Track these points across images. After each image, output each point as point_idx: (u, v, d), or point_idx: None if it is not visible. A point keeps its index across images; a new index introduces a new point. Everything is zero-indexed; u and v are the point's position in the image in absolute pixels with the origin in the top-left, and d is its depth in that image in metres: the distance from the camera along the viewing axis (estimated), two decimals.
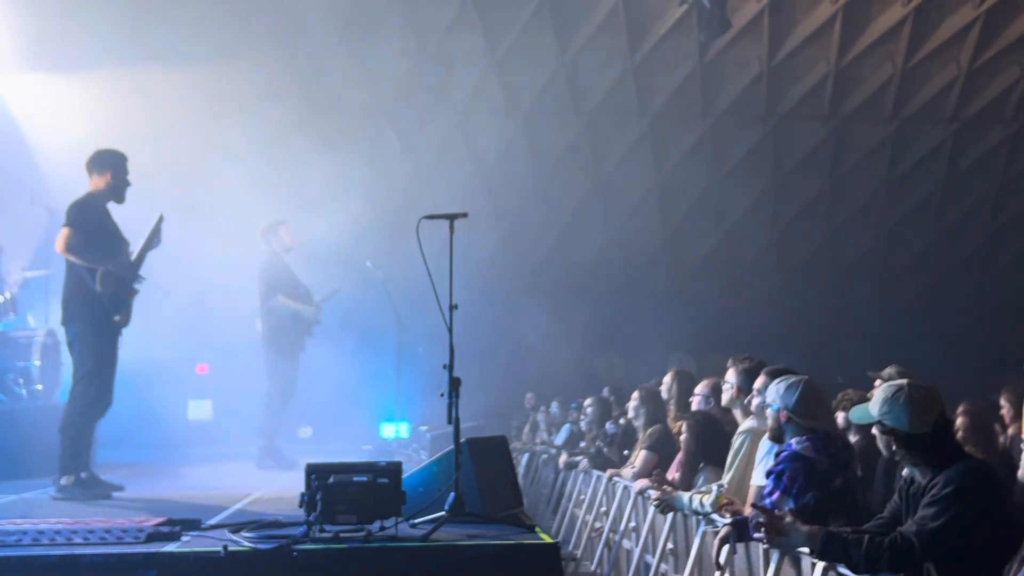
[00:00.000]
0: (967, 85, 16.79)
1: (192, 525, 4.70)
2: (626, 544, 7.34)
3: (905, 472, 3.88)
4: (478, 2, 14.80)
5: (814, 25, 15.67)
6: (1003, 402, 6.48)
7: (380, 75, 15.07)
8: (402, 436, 11.42)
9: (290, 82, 14.56)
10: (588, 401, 10.14)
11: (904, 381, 3.72)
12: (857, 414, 3.94)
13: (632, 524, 7.10)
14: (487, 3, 14.90)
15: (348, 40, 14.96)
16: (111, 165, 6.89)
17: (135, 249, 6.94)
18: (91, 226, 6.67)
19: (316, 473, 4.34)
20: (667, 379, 7.70)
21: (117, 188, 6.90)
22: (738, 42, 15.70)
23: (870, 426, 5.53)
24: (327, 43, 14.73)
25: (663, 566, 6.14)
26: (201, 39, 12.41)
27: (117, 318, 6.67)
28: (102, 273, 6.56)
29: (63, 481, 6.43)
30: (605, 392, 11.13)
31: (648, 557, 6.47)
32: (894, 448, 3.64)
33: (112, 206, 6.96)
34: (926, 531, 3.38)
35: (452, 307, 4.95)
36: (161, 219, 7.02)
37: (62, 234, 6.61)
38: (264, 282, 9.42)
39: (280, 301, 9.32)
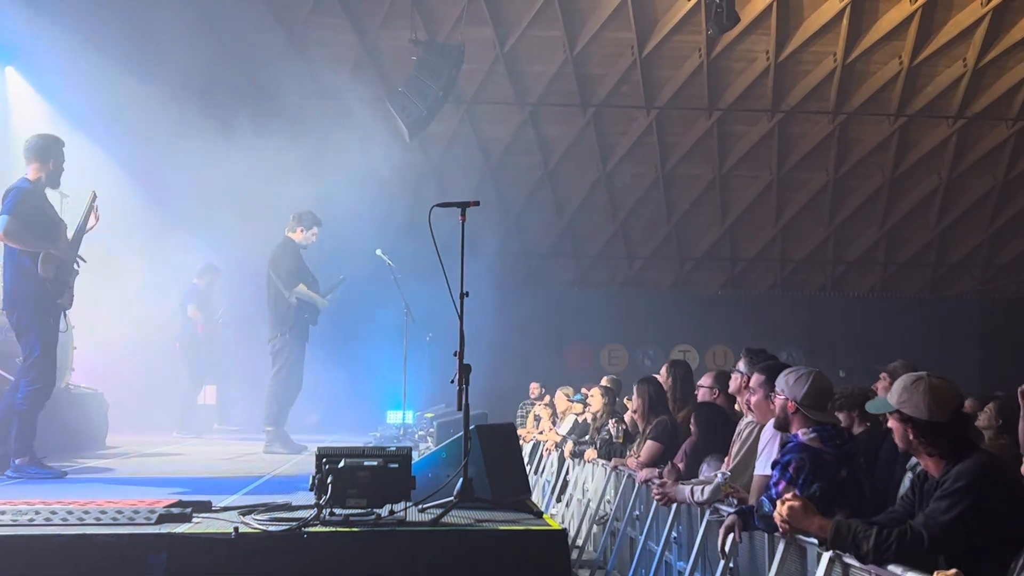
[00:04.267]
0: (973, 82, 16.80)
1: (203, 507, 4.71)
2: (630, 532, 7.39)
3: (912, 461, 3.87)
4: None
5: (822, 20, 15.67)
6: None
7: (390, 65, 15.12)
8: (407, 423, 11.49)
9: (297, 67, 14.61)
10: (592, 391, 10.18)
11: (924, 372, 3.73)
12: (874, 404, 3.94)
13: (636, 513, 7.14)
14: None
15: (358, 30, 15.01)
16: (50, 152, 6.92)
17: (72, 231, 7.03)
18: (29, 211, 6.71)
19: (327, 457, 4.35)
20: (663, 371, 7.74)
21: (54, 174, 6.95)
22: (745, 36, 15.73)
23: (876, 421, 5.59)
24: (337, 32, 14.79)
25: (667, 554, 6.18)
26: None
27: (60, 301, 6.77)
28: (43, 256, 6.64)
29: (17, 461, 6.58)
30: (604, 381, 11.18)
31: (652, 545, 6.51)
32: (910, 438, 3.63)
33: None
34: (936, 523, 3.39)
35: (463, 294, 4.96)
36: (94, 197, 7.07)
37: (0, 221, 6.62)
38: (283, 268, 9.42)
39: (301, 290, 9.35)
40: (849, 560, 3.62)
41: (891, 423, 3.76)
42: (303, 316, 9.41)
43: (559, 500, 10.35)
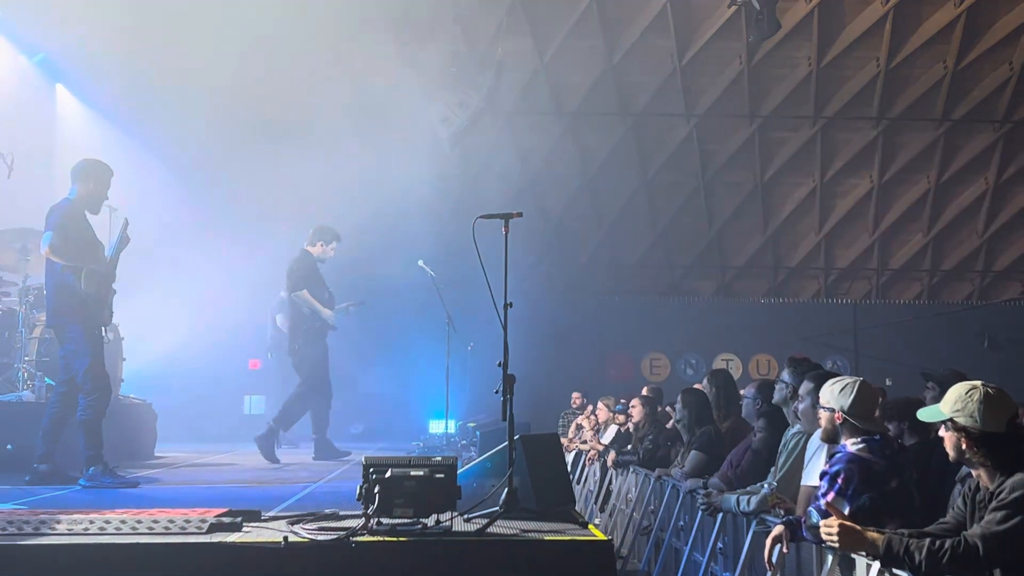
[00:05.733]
0: (1019, 86, 16.55)
1: (252, 516, 4.78)
2: (675, 543, 7.35)
3: (962, 473, 3.81)
4: (527, 5, 14.89)
5: (864, 25, 15.54)
6: None
7: (431, 77, 15.21)
8: (450, 432, 11.53)
9: (340, 81, 14.75)
10: (633, 401, 10.15)
11: (978, 382, 3.66)
12: (926, 413, 3.88)
13: (681, 523, 7.11)
14: (536, 6, 14.99)
15: (399, 42, 15.11)
16: (92, 174, 7.12)
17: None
18: (73, 230, 6.92)
19: (374, 467, 4.39)
20: (704, 382, 7.70)
21: (96, 199, 7.15)
22: (787, 43, 15.64)
23: (926, 430, 5.51)
24: (378, 44, 14.89)
25: (713, 565, 6.15)
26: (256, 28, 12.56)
27: (101, 316, 6.95)
28: (86, 272, 6.83)
29: (91, 470, 6.77)
30: (644, 391, 11.14)
31: (697, 555, 6.48)
32: (963, 448, 3.56)
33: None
34: (992, 535, 3.34)
35: (507, 305, 4.95)
36: (126, 224, 7.24)
37: (45, 238, 6.85)
38: (294, 275, 9.56)
39: (304, 296, 9.46)
40: (900, 573, 3.58)
41: (943, 432, 3.69)
42: (315, 324, 9.49)
43: (602, 510, 10.32)
